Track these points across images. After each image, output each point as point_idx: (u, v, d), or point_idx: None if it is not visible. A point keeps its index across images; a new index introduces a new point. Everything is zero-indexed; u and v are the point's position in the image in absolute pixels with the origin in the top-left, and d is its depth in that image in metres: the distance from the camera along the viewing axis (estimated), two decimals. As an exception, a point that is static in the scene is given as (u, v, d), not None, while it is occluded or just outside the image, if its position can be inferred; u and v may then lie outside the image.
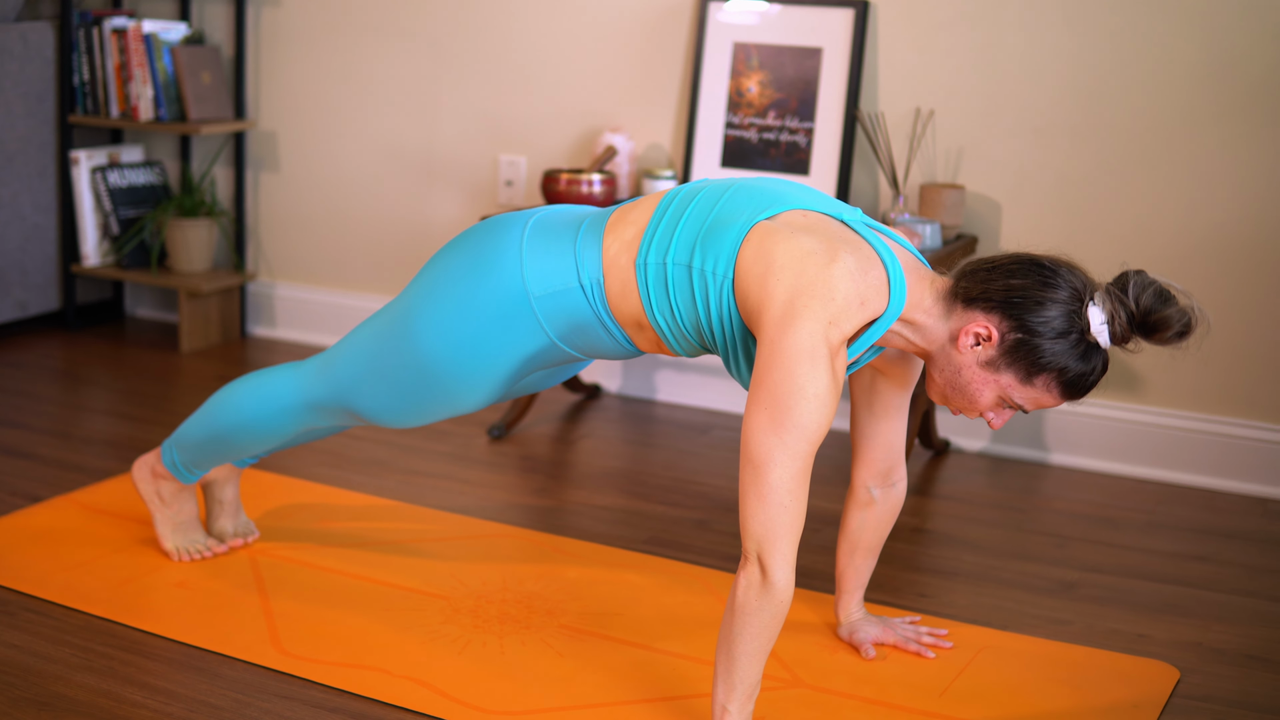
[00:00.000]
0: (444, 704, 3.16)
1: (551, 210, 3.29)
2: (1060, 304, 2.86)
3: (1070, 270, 2.90)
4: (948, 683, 3.37)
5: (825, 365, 2.83)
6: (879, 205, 4.95)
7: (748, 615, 2.88)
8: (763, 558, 2.85)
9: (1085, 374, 2.90)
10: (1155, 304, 2.85)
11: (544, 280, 3.15)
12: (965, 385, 2.96)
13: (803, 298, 2.87)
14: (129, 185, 5.89)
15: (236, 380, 3.65)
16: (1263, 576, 4.05)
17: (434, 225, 5.70)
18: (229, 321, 5.99)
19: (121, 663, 3.28)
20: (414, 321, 3.27)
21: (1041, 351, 2.87)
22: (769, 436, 2.85)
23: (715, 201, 3.08)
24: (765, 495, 2.85)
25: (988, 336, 2.90)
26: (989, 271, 2.93)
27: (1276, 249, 4.54)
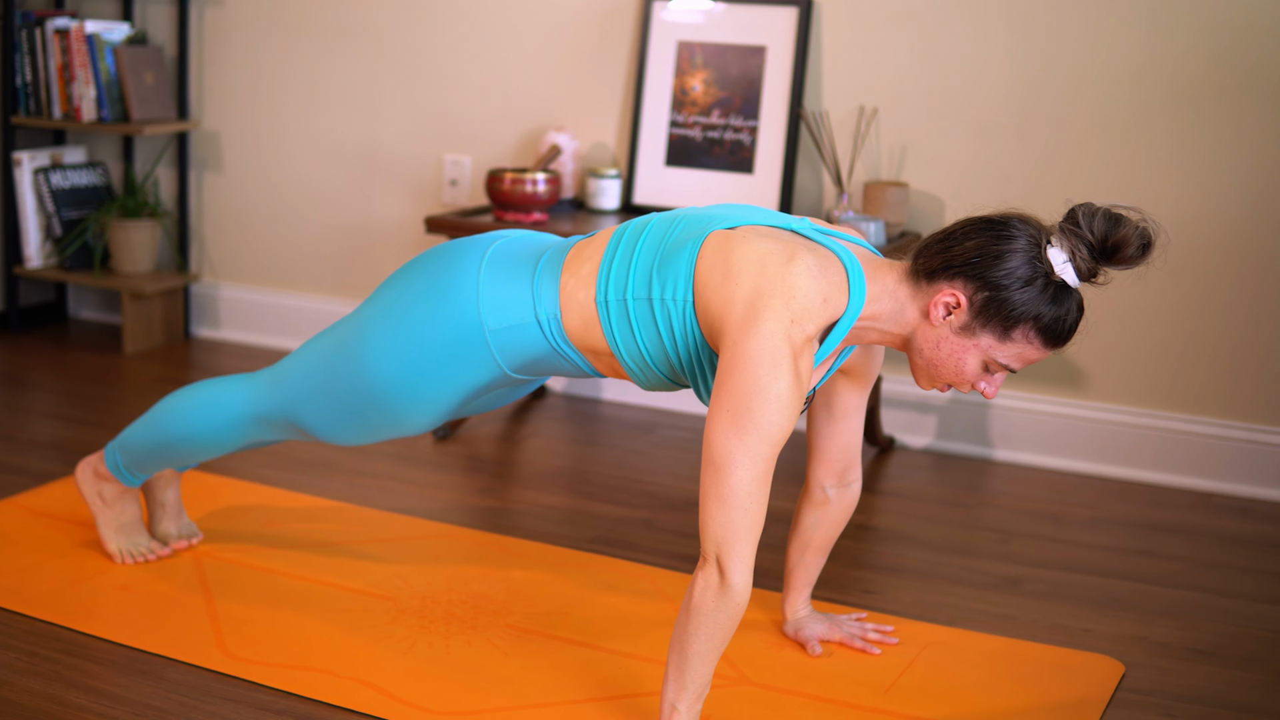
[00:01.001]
0: (390, 705, 3.16)
1: (511, 239, 3.27)
2: (1019, 253, 2.86)
3: (1021, 219, 2.91)
4: (893, 679, 3.38)
5: (788, 366, 2.83)
6: (823, 203, 4.96)
7: (704, 616, 2.88)
8: (721, 559, 2.85)
9: (1061, 317, 2.89)
10: (1109, 228, 2.85)
11: (499, 314, 3.14)
12: (947, 358, 2.95)
13: (763, 298, 2.87)
14: (72, 186, 5.86)
15: (185, 388, 3.63)
16: (1207, 570, 4.07)
17: (379, 225, 5.69)
18: (172, 323, 5.97)
19: (66, 667, 3.26)
20: (365, 343, 3.26)
21: (1012, 304, 2.86)
22: (731, 438, 2.85)
23: (666, 230, 3.09)
24: (726, 497, 2.85)
25: (956, 304, 2.89)
26: (943, 241, 2.93)
27: (1218, 244, 4.56)
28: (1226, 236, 4.55)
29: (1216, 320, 4.61)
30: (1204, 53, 4.49)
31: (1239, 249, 4.55)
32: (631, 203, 5.11)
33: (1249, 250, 4.54)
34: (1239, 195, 4.52)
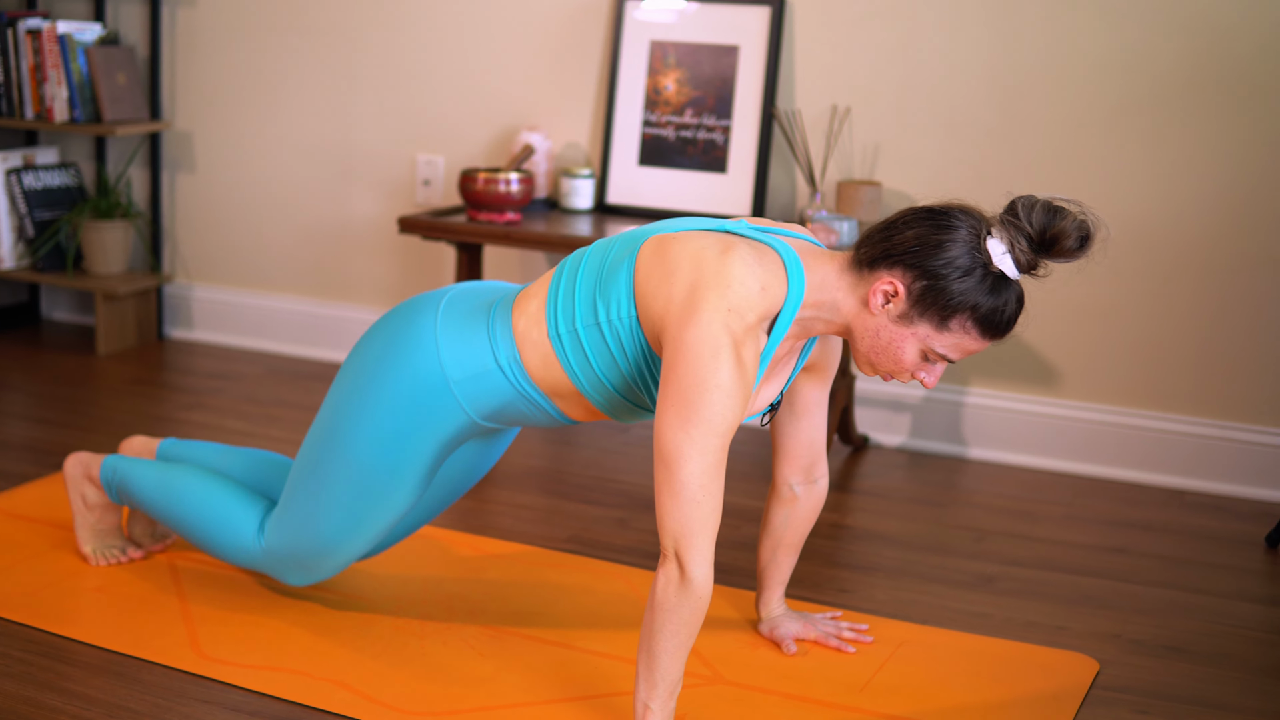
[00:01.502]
0: (365, 706, 3.16)
1: (462, 290, 3.29)
2: (959, 243, 2.86)
3: (962, 210, 2.91)
4: (868, 677, 3.38)
5: (729, 356, 2.84)
6: (796, 202, 4.96)
7: (667, 612, 2.88)
8: (680, 555, 2.86)
9: (998, 308, 2.89)
10: (1048, 220, 2.85)
11: (461, 364, 3.16)
12: (886, 346, 2.95)
13: (700, 290, 2.88)
14: (44, 187, 5.84)
15: (210, 477, 3.60)
16: (1181, 568, 4.08)
17: (352, 225, 5.68)
18: (146, 324, 5.96)
19: (40, 668, 3.26)
20: (340, 423, 3.27)
21: (950, 293, 2.86)
22: (678, 432, 2.85)
23: (604, 253, 3.12)
24: (678, 492, 2.85)
25: (895, 292, 2.90)
26: (884, 231, 2.94)
27: (1190, 243, 4.57)
28: (1199, 235, 4.56)
29: (1190, 318, 4.62)
30: (1178, 51, 4.51)
31: (1212, 248, 4.56)
32: (605, 202, 5.11)
33: (1222, 249, 4.55)
34: (1212, 194, 4.53)
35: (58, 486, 4.24)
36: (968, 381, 4.89)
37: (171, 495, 3.60)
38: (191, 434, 4.85)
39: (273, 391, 5.37)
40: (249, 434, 4.86)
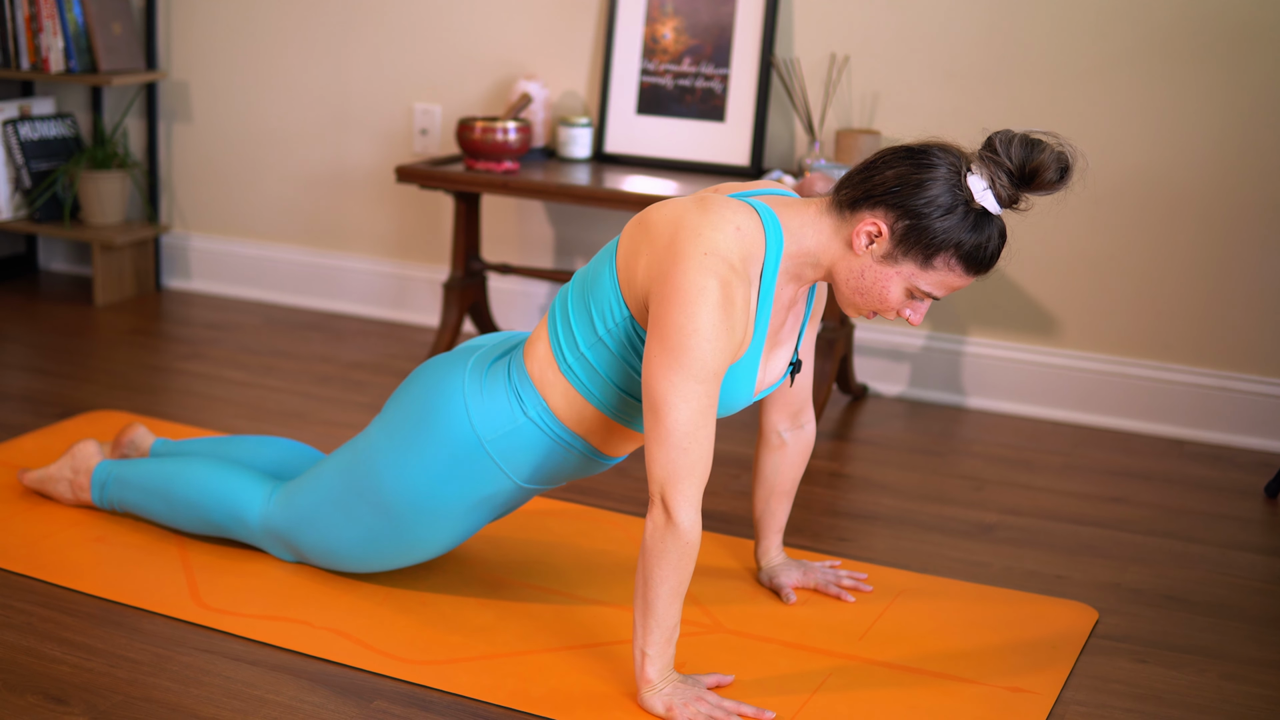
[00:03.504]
0: (366, 655, 3.16)
1: (486, 348, 3.30)
2: (939, 181, 2.86)
3: (942, 148, 2.90)
4: (868, 626, 3.38)
5: (712, 300, 2.83)
6: (795, 151, 4.95)
7: (656, 558, 2.89)
8: (666, 500, 2.86)
9: (982, 244, 2.89)
10: (1027, 154, 2.84)
11: (493, 424, 3.16)
12: (870, 286, 2.95)
13: (677, 242, 2.88)
14: (40, 138, 5.83)
15: (209, 462, 3.60)
16: (1179, 517, 4.08)
17: (349, 175, 5.67)
18: (143, 274, 5.95)
19: (40, 619, 3.26)
20: (377, 464, 3.27)
21: (933, 231, 2.86)
22: (664, 380, 2.85)
23: (583, 272, 3.14)
24: (665, 438, 2.86)
25: (878, 233, 2.89)
26: (864, 171, 2.93)
27: (1190, 192, 4.57)
28: (1200, 184, 4.56)
29: (1190, 268, 4.62)
30: (1174, 1, 4.50)
31: (1213, 196, 4.55)
32: (603, 151, 5.10)
33: (1221, 198, 4.54)
34: (1212, 142, 4.53)
35: (56, 437, 4.24)
36: (967, 331, 4.89)
37: (168, 477, 3.60)
38: (189, 384, 4.85)
39: (270, 341, 5.36)
40: (247, 384, 4.86)
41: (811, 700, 3.05)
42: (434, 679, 3.08)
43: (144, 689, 3.00)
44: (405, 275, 5.64)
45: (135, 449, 3.86)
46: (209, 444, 3.79)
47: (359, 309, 5.75)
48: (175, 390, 4.83)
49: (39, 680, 3.01)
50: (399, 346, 5.36)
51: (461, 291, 5.02)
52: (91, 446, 3.78)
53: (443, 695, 3.03)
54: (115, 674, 3.05)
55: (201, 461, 3.60)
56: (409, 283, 5.64)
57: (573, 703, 3.01)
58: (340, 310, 5.77)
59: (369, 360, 5.18)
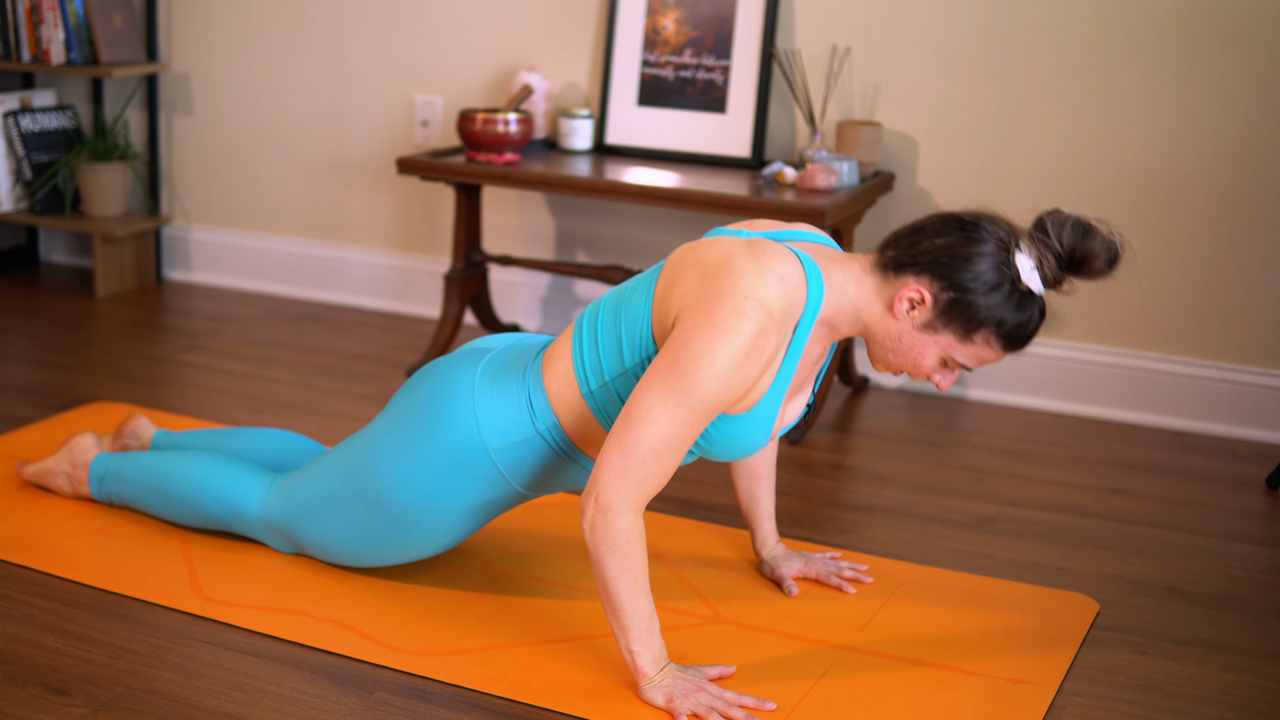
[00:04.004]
0: (366, 646, 3.16)
1: (498, 352, 3.28)
2: (987, 257, 2.85)
3: (992, 221, 2.90)
4: (869, 617, 3.38)
5: (741, 343, 2.82)
6: (796, 143, 4.95)
7: (602, 559, 2.90)
8: (606, 501, 2.86)
9: (1023, 323, 2.90)
10: (1078, 239, 2.84)
11: (501, 433, 3.15)
12: (906, 351, 2.96)
13: (722, 279, 2.87)
14: (41, 130, 5.83)
15: (207, 455, 3.60)
16: (1180, 509, 4.08)
17: (350, 167, 5.67)
18: (144, 266, 5.95)
19: (41, 610, 3.26)
20: (377, 463, 3.26)
21: (976, 307, 2.87)
22: (655, 395, 2.85)
23: (618, 295, 3.11)
24: (631, 445, 2.85)
25: (921, 300, 2.89)
26: (912, 236, 2.93)
27: (1191, 184, 4.56)
28: (1201, 176, 4.55)
29: (1192, 260, 4.61)
30: (1177, -10, 4.50)
31: (1213, 189, 4.55)
32: (604, 143, 5.09)
33: (1221, 189, 4.54)
34: (1212, 134, 4.52)
35: (57, 429, 4.24)
36: (968, 322, 4.88)
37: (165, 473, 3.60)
38: (190, 375, 4.85)
39: (271, 333, 5.36)
40: (248, 375, 4.86)
41: (813, 691, 3.06)
42: (435, 670, 3.08)
43: (145, 680, 3.00)
44: (406, 267, 5.64)
45: (136, 440, 3.86)
46: (209, 436, 3.79)
47: (360, 300, 5.75)
48: (176, 382, 4.83)
49: (40, 672, 3.02)
50: (400, 338, 5.36)
51: (462, 283, 5.02)
52: (89, 439, 3.78)
53: (443, 686, 3.03)
54: (116, 665, 3.05)
55: (197, 456, 3.59)
56: (410, 274, 5.64)
57: (573, 694, 3.01)
58: (341, 302, 5.77)
59: (370, 352, 5.18)
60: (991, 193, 4.73)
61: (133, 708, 2.90)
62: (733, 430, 2.98)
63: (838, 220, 4.39)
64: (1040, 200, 4.69)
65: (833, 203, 4.34)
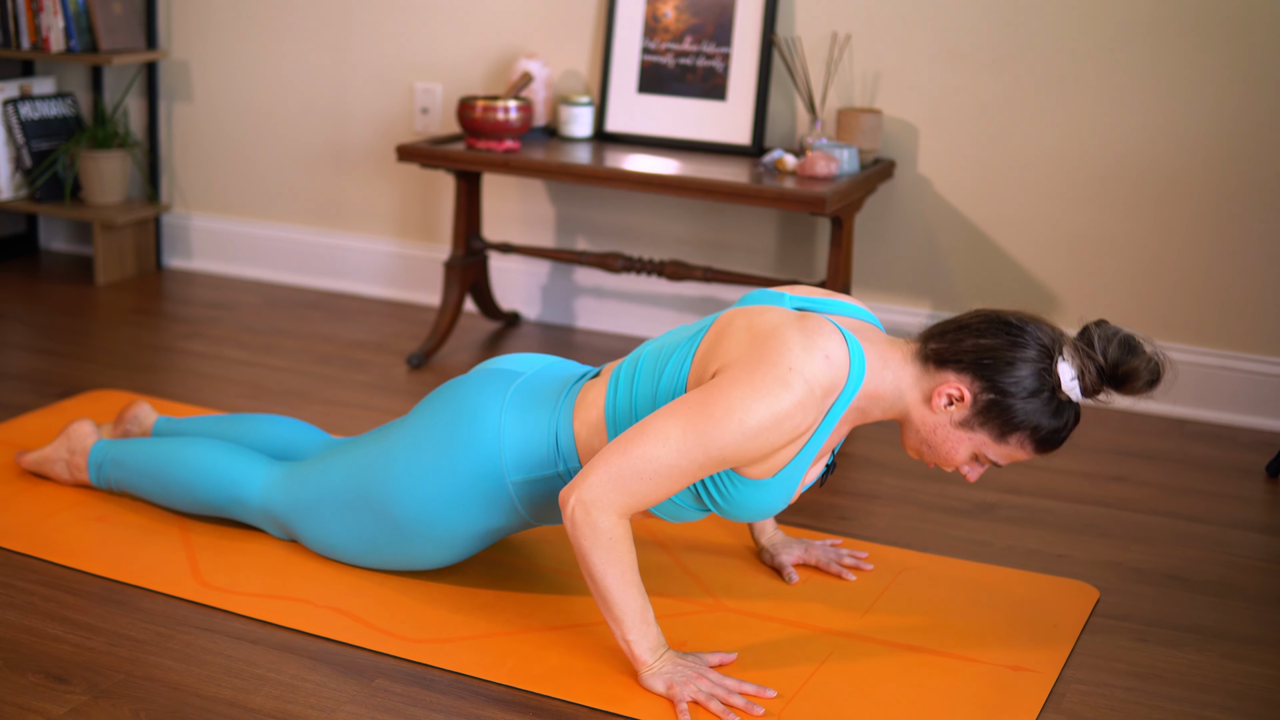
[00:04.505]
0: (367, 633, 3.16)
1: (529, 378, 3.27)
2: (1030, 363, 2.87)
3: (1037, 326, 2.92)
4: (869, 604, 3.38)
5: (776, 409, 2.83)
6: (796, 130, 4.94)
7: (586, 554, 2.91)
8: (590, 501, 2.88)
9: (1059, 429, 2.92)
10: (1123, 355, 2.86)
11: (524, 467, 3.16)
12: (940, 444, 2.97)
13: (769, 346, 2.88)
14: (41, 117, 5.82)
15: (206, 443, 3.60)
16: (1180, 496, 4.08)
17: (350, 154, 5.66)
18: (144, 253, 5.95)
19: (42, 598, 3.26)
20: (390, 472, 3.26)
21: (1014, 411, 2.88)
22: (674, 423, 2.86)
23: (656, 353, 3.11)
24: (631, 457, 2.87)
25: (960, 397, 2.91)
26: (957, 332, 2.94)
27: (1192, 171, 4.56)
28: (1202, 163, 4.55)
29: (1192, 247, 4.61)
30: (1178, -23, 4.49)
31: (1214, 176, 4.55)
32: (604, 130, 5.09)
33: (1221, 177, 4.53)
34: (1213, 121, 4.52)
35: (57, 417, 4.24)
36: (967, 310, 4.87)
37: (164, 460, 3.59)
38: (190, 363, 4.85)
39: (271, 320, 5.36)
40: (248, 363, 4.86)
41: (813, 678, 3.06)
42: (435, 657, 3.08)
43: (145, 668, 3.01)
44: (406, 254, 5.64)
45: (138, 426, 3.86)
46: (211, 422, 3.79)
47: (360, 288, 5.75)
48: (176, 369, 4.83)
49: (40, 659, 3.02)
50: (400, 325, 5.36)
51: (463, 270, 5.02)
52: (87, 426, 3.78)
53: (444, 673, 3.04)
54: (116, 653, 3.06)
55: (197, 443, 3.59)
56: (410, 262, 5.64)
57: (573, 681, 3.01)
58: (341, 289, 5.77)
59: (370, 339, 5.18)
60: (991, 180, 4.73)
61: (133, 695, 2.90)
62: (753, 495, 2.99)
63: (838, 208, 4.39)
64: (1039, 186, 4.70)
65: (833, 190, 4.34)
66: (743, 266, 5.11)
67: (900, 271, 4.95)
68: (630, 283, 5.31)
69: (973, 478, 3.03)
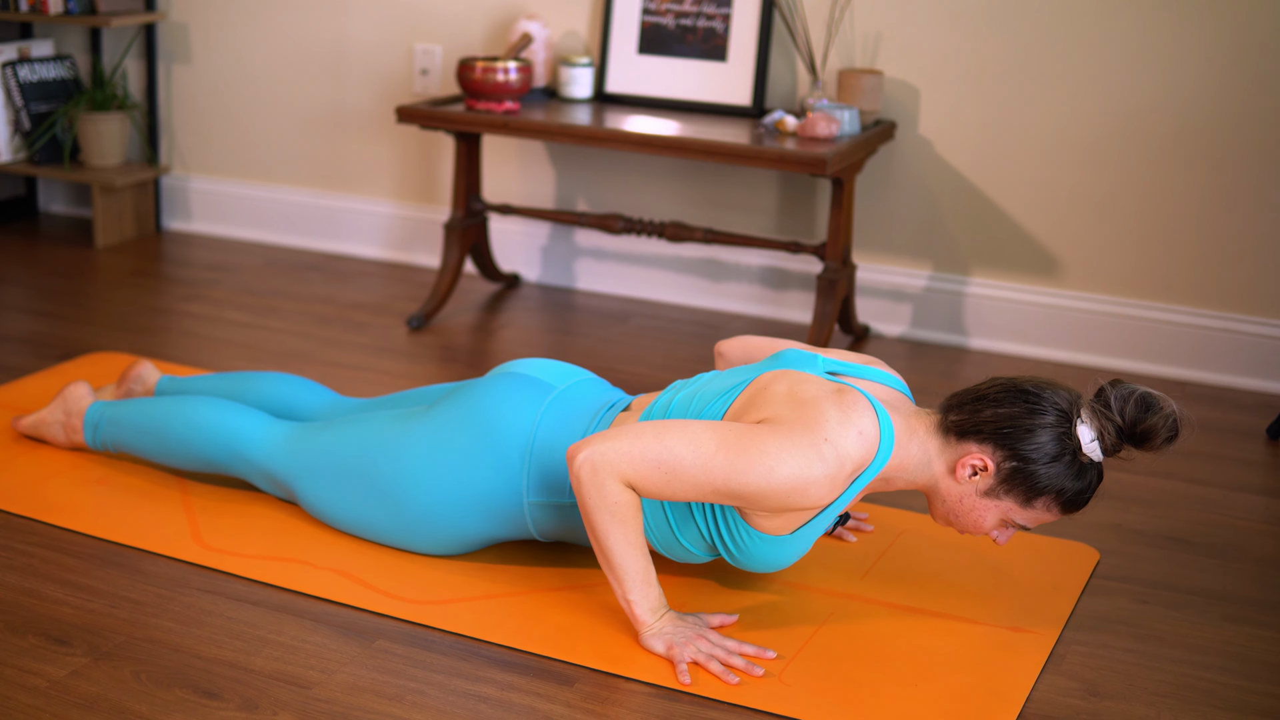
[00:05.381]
0: (367, 594, 3.16)
1: (561, 393, 3.26)
2: (1049, 428, 2.88)
3: (1054, 391, 2.92)
4: (869, 566, 3.39)
5: (802, 474, 2.83)
6: (797, 91, 4.93)
7: (593, 513, 2.92)
8: (599, 459, 2.89)
9: (1083, 490, 2.94)
10: (1140, 414, 2.87)
11: (543, 491, 3.17)
12: (967, 513, 2.99)
13: (808, 417, 2.88)
14: (39, 80, 5.81)
15: (206, 400, 3.58)
16: (1182, 459, 4.08)
17: (349, 115, 5.65)
18: (144, 216, 5.94)
19: (42, 560, 3.26)
20: (406, 465, 3.26)
21: (1038, 477, 2.90)
22: (712, 439, 2.88)
23: (688, 400, 3.10)
24: (661, 443, 2.89)
25: (984, 467, 2.92)
26: (975, 402, 2.95)
27: (1192, 133, 4.55)
28: (1202, 124, 4.54)
29: (1191, 209, 4.60)
30: (1180, -63, 4.48)
31: (1213, 137, 4.53)
32: (604, 91, 5.08)
33: (1223, 139, 4.52)
34: (1214, 82, 4.51)
35: (57, 379, 4.24)
36: (969, 271, 4.88)
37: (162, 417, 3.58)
38: (190, 325, 4.85)
39: (271, 282, 5.36)
40: (248, 325, 4.85)
41: (813, 639, 3.06)
42: (436, 619, 3.08)
43: (146, 630, 3.01)
44: (406, 216, 5.63)
45: (141, 384, 3.86)
46: (214, 380, 3.79)
47: (360, 250, 5.74)
48: (176, 331, 4.83)
49: (41, 621, 3.02)
50: (399, 287, 5.35)
51: (462, 232, 5.02)
52: (83, 388, 3.77)
53: (445, 635, 3.04)
54: (117, 615, 3.06)
55: (196, 400, 3.58)
56: (410, 223, 5.63)
57: (574, 642, 3.01)
58: (341, 251, 5.76)
59: (370, 301, 5.18)
60: (993, 141, 4.72)
61: (133, 657, 2.91)
62: (768, 550, 3.01)
63: (839, 169, 4.38)
64: (1040, 147, 4.69)
65: (834, 151, 4.33)
66: (743, 228, 5.10)
67: (901, 233, 4.94)
68: (630, 244, 5.30)
69: (1002, 541, 3.06)
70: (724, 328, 5.00)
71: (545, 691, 2.86)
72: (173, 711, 2.74)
